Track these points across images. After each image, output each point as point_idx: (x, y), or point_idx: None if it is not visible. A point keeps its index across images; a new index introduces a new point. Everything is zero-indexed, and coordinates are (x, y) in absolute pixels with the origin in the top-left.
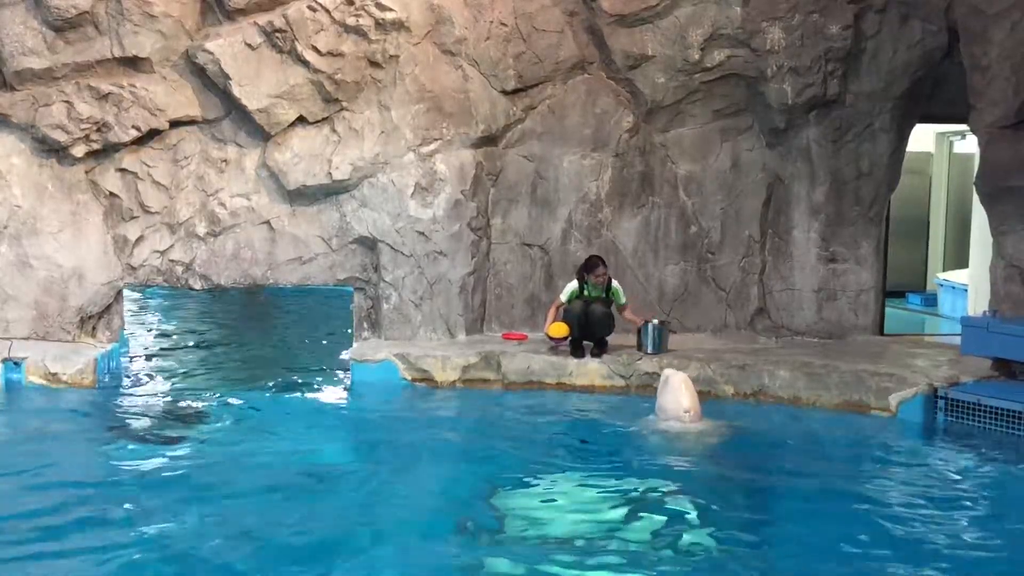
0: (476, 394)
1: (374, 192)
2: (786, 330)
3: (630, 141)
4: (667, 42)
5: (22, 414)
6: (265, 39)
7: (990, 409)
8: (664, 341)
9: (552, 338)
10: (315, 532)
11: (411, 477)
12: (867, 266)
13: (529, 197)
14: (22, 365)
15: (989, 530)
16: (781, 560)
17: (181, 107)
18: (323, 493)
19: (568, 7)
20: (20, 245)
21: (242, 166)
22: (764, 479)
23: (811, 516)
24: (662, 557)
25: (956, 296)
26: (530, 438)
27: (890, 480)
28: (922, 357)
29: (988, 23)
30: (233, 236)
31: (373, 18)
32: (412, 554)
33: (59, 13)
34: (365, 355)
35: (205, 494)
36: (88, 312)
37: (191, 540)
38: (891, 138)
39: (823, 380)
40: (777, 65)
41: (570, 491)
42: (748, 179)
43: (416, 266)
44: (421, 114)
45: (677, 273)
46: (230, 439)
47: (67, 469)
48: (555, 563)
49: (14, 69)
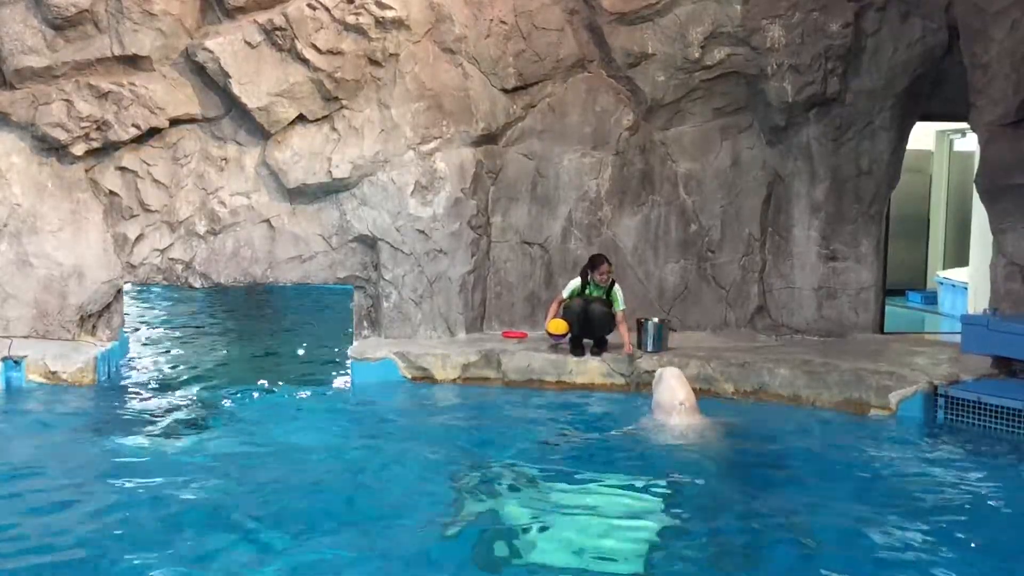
0: (476, 392)
1: (374, 190)
2: (786, 328)
3: (630, 139)
4: (667, 40)
5: (22, 413)
6: (265, 37)
7: (990, 407)
8: (664, 339)
9: (551, 335)
10: (314, 531)
11: (410, 476)
12: (867, 264)
13: (529, 195)
14: (22, 363)
15: (989, 529)
16: (780, 559)
17: (181, 105)
18: (322, 491)
19: (568, 5)
20: (20, 243)
21: (242, 164)
22: (762, 476)
23: (811, 515)
24: (661, 556)
25: (956, 294)
26: (529, 436)
27: (890, 478)
28: (922, 355)
29: (988, 21)
30: (233, 234)
31: (373, 16)
32: (409, 553)
33: (59, 11)
34: (365, 353)
35: (205, 492)
36: (88, 310)
37: (191, 538)
38: (891, 136)
39: (823, 378)
40: (777, 63)
41: (570, 490)
42: (748, 177)
43: (416, 264)
44: (421, 112)
45: (677, 271)
46: (229, 437)
47: (67, 468)
48: (554, 562)
49: (14, 67)
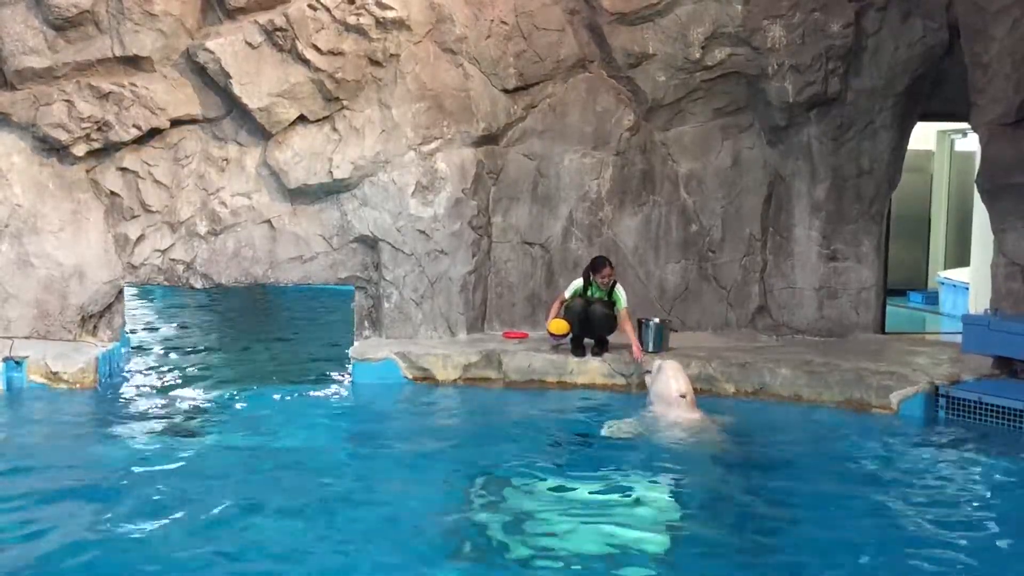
0: (477, 393)
1: (375, 191)
2: (787, 328)
3: (631, 139)
4: (668, 40)
5: (23, 413)
6: (266, 38)
7: (991, 407)
8: (665, 340)
9: (552, 335)
10: (315, 530)
11: (410, 475)
12: (868, 264)
13: (530, 195)
14: (23, 364)
15: (989, 528)
16: (780, 558)
17: (182, 106)
18: (322, 490)
19: (569, 5)
20: (21, 244)
21: (243, 165)
22: (763, 475)
23: (811, 514)
24: (660, 555)
25: (957, 294)
26: (530, 437)
27: (891, 478)
28: (923, 355)
29: (989, 20)
30: (234, 235)
31: (374, 17)
32: (408, 551)
33: (60, 12)
34: (366, 354)
35: (206, 492)
36: (89, 311)
37: (192, 538)
38: (892, 136)
39: (824, 378)
40: (778, 63)
41: (570, 489)
42: (749, 177)
43: (417, 265)
44: (422, 113)
45: (678, 271)
46: (231, 438)
47: (68, 468)
48: (553, 561)
49: (15, 68)
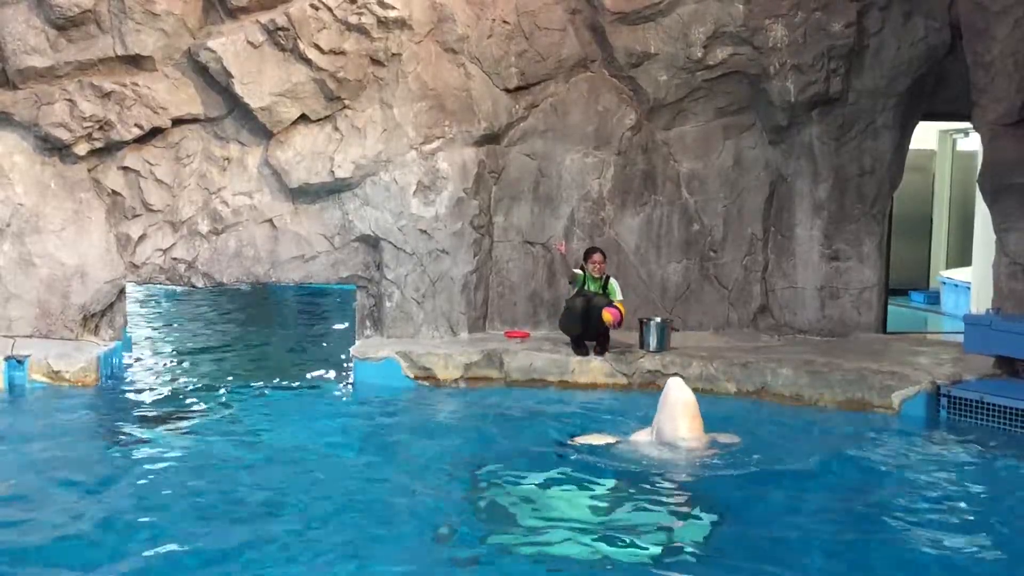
0: (478, 392)
1: (376, 190)
2: (788, 328)
3: (632, 139)
4: (669, 40)
5: (25, 412)
6: (267, 37)
7: (993, 407)
8: (666, 339)
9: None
10: (315, 529)
11: (410, 475)
12: (870, 264)
13: (531, 195)
14: (25, 363)
15: (991, 528)
16: (784, 559)
17: (183, 105)
18: (323, 490)
19: (570, 5)
20: (23, 243)
21: (244, 164)
22: (763, 476)
23: (812, 514)
24: (659, 555)
25: (959, 294)
26: (531, 436)
27: (893, 478)
28: (925, 355)
29: (991, 20)
30: (235, 234)
31: (375, 16)
32: (408, 550)
33: (62, 11)
34: (367, 353)
35: (207, 492)
36: (91, 310)
37: (192, 537)
38: (894, 135)
39: (826, 378)
40: (780, 63)
41: (570, 489)
42: (750, 177)
43: (418, 264)
44: (423, 112)
45: (679, 271)
46: (231, 437)
47: (69, 467)
48: (554, 562)
49: (17, 67)
